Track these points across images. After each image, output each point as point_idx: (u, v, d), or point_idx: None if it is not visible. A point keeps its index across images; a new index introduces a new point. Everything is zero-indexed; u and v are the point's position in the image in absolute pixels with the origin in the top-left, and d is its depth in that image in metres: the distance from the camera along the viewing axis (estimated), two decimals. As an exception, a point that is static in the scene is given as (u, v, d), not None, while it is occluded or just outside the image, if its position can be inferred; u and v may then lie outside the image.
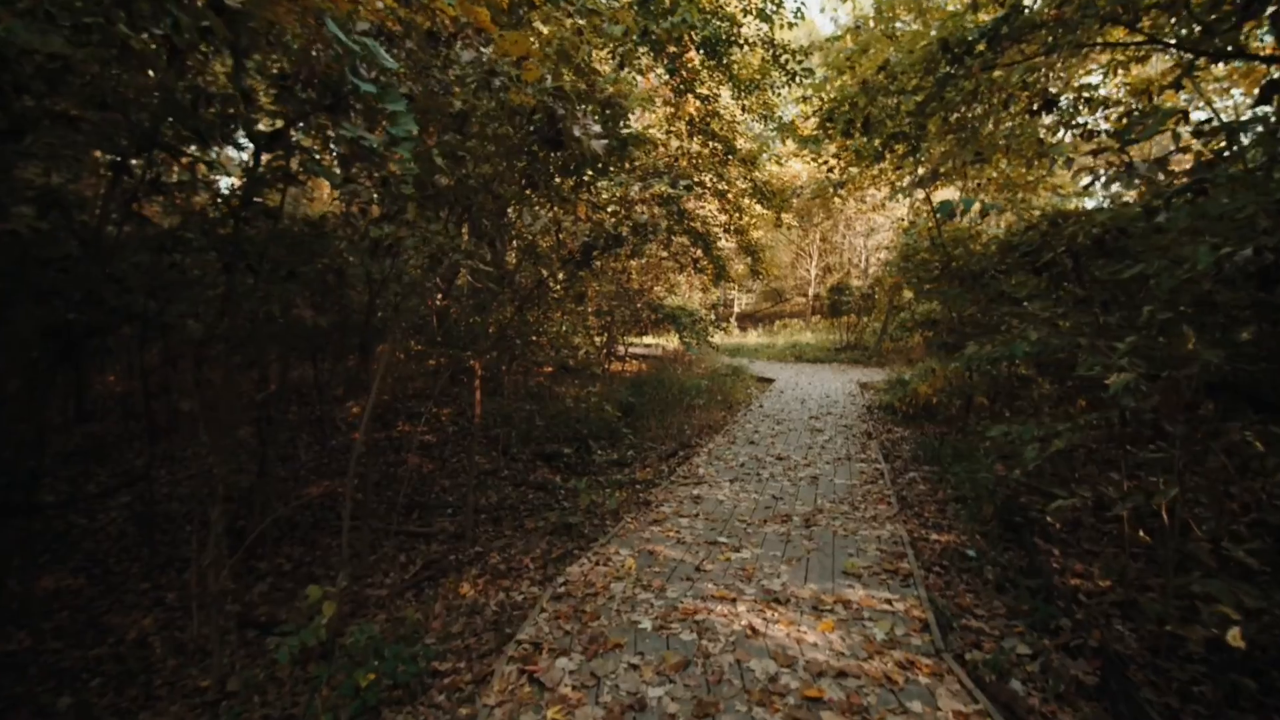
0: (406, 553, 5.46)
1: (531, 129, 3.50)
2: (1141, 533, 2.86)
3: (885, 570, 3.50)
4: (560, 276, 5.45)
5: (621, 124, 4.12)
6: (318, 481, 7.65)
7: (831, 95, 5.95)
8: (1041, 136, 6.41)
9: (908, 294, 19.13)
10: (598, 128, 3.01)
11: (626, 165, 4.87)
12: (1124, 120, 5.46)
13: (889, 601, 3.08)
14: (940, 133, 5.63)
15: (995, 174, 9.76)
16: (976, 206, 2.85)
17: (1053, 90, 5.95)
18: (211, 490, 3.29)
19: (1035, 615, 3.41)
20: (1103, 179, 2.86)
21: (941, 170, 5.53)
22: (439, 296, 8.93)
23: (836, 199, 20.58)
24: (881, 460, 6.37)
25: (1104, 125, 5.62)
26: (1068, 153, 3.63)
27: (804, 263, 30.80)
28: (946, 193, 15.69)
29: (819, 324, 25.93)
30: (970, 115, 5.44)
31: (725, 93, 10.32)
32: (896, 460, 7.08)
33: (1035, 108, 5.85)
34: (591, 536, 5.03)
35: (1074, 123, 6.06)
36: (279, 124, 3.57)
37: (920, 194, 5.64)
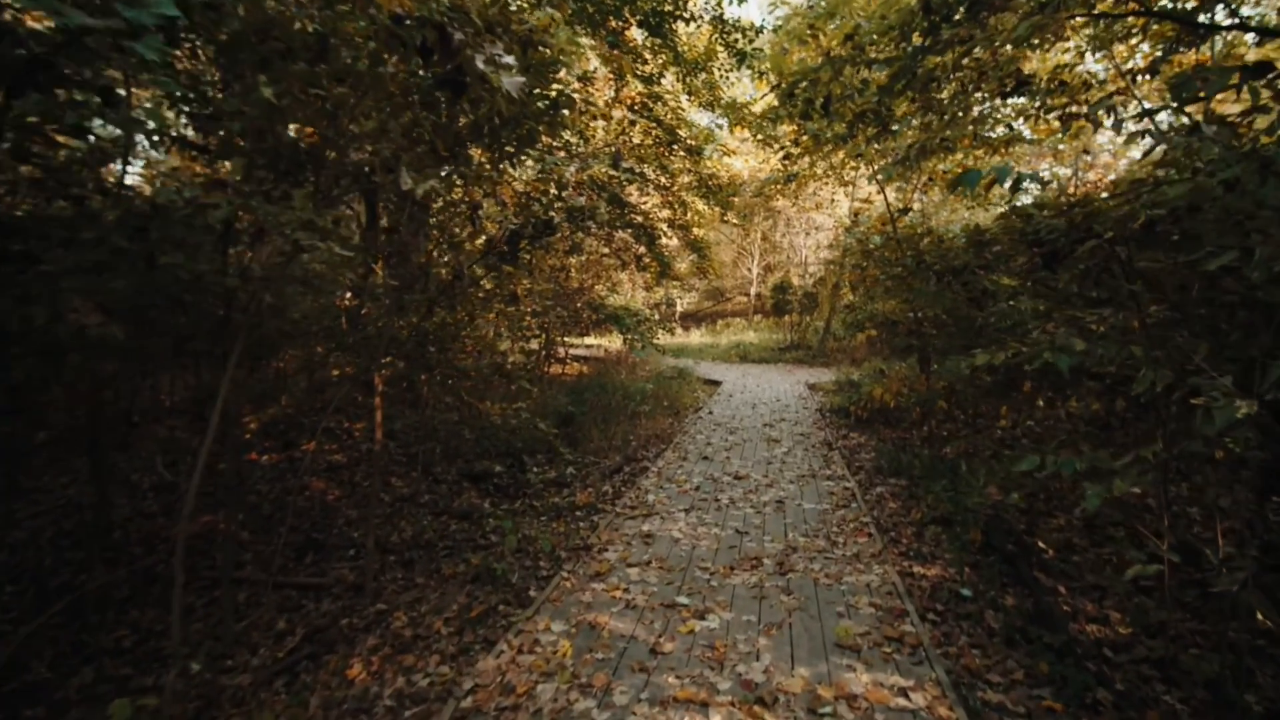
0: (289, 614, 4.41)
1: (430, 75, 2.60)
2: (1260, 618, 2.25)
3: (887, 638, 2.81)
4: (480, 270, 4.52)
5: (550, 76, 3.26)
6: (196, 516, 6.40)
7: (791, 69, 5.27)
8: (1011, 121, 5.96)
9: (847, 295, 19.09)
10: (510, 59, 2.16)
11: (559, 141, 4.02)
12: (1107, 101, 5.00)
13: (904, 692, 2.38)
14: (911, 113, 5.06)
15: (946, 168, 9.45)
16: (1012, 178, 2.19)
17: (1026, 70, 5.48)
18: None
19: (1067, 686, 2.78)
20: (1157, 142, 2.24)
21: (931, 147, 4.96)
22: (348, 295, 7.79)
23: (779, 197, 20.34)
24: (849, 476, 5.77)
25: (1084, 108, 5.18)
26: (1106, 116, 3.05)
27: (745, 262, 30.71)
28: (886, 192, 15.59)
29: (761, 323, 25.77)
30: (943, 94, 4.88)
31: (669, 77, 9.61)
32: (860, 472, 6.53)
33: (1007, 89, 5.37)
34: (521, 587, 4.16)
35: (1047, 105, 5.63)
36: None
37: (905, 174, 5.04)
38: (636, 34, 8.88)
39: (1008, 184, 2.27)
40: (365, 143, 2.86)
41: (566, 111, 3.79)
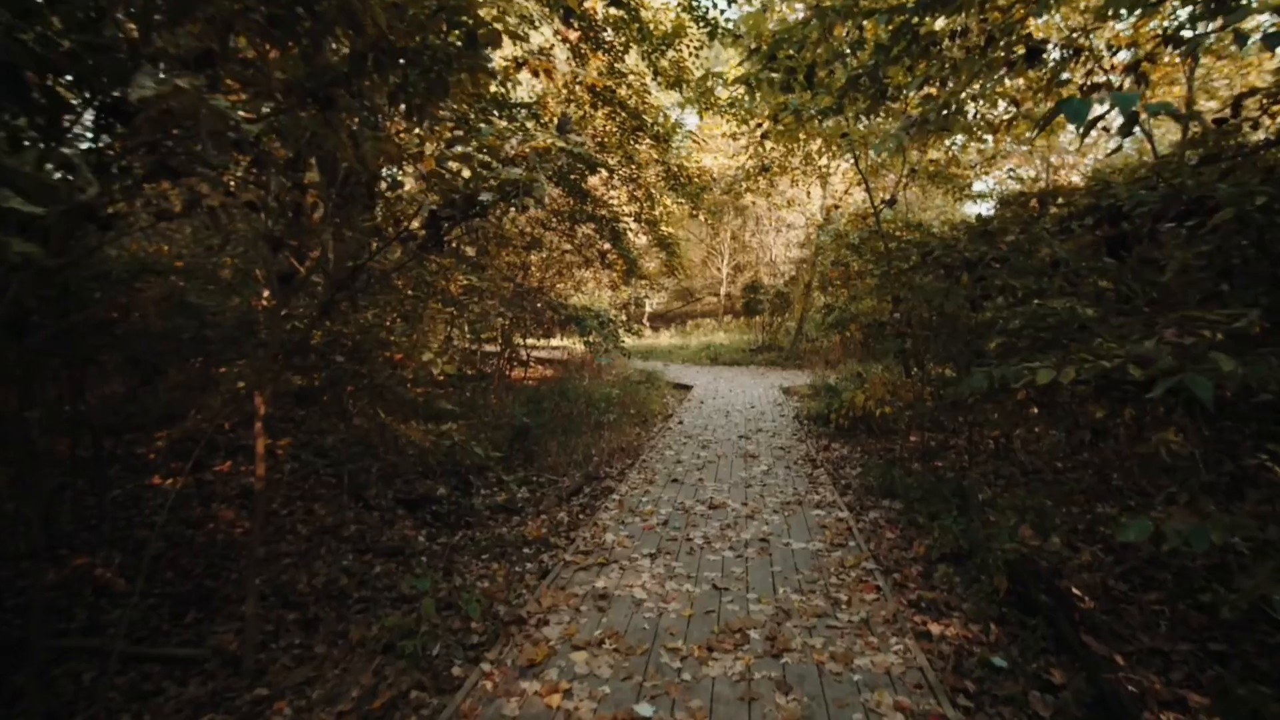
0: (141, 703, 3.43)
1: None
2: None
3: (928, 769, 2.04)
4: (399, 259, 3.63)
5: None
6: (70, 559, 5.31)
7: (770, 31, 4.48)
8: (1015, 97, 5.30)
9: (819, 295, 18.55)
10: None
11: (483, 93, 3.18)
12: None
13: None
14: (907, 84, 4.33)
15: (934, 155, 8.86)
16: (1134, 109, 1.44)
17: (1039, 37, 4.81)
18: None
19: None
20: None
21: (955, 104, 4.23)
22: (264, 293, 6.78)
23: (749, 194, 19.71)
24: (839, 503, 5.02)
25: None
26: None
27: (715, 261, 30.18)
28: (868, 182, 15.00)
29: (732, 324, 25.23)
30: (953, 52, 4.16)
31: (633, 56, 8.78)
32: (848, 492, 5.81)
33: (1014, 59, 4.69)
34: (442, 664, 3.27)
35: (1058, 78, 4.97)
36: None
37: (921, 139, 4.29)
38: (597, 5, 8.01)
39: (1120, 117, 1.49)
40: (177, 70, 1.94)
41: (490, 52, 2.90)
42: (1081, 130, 1.53)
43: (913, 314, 6.13)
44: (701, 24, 7.02)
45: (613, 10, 7.62)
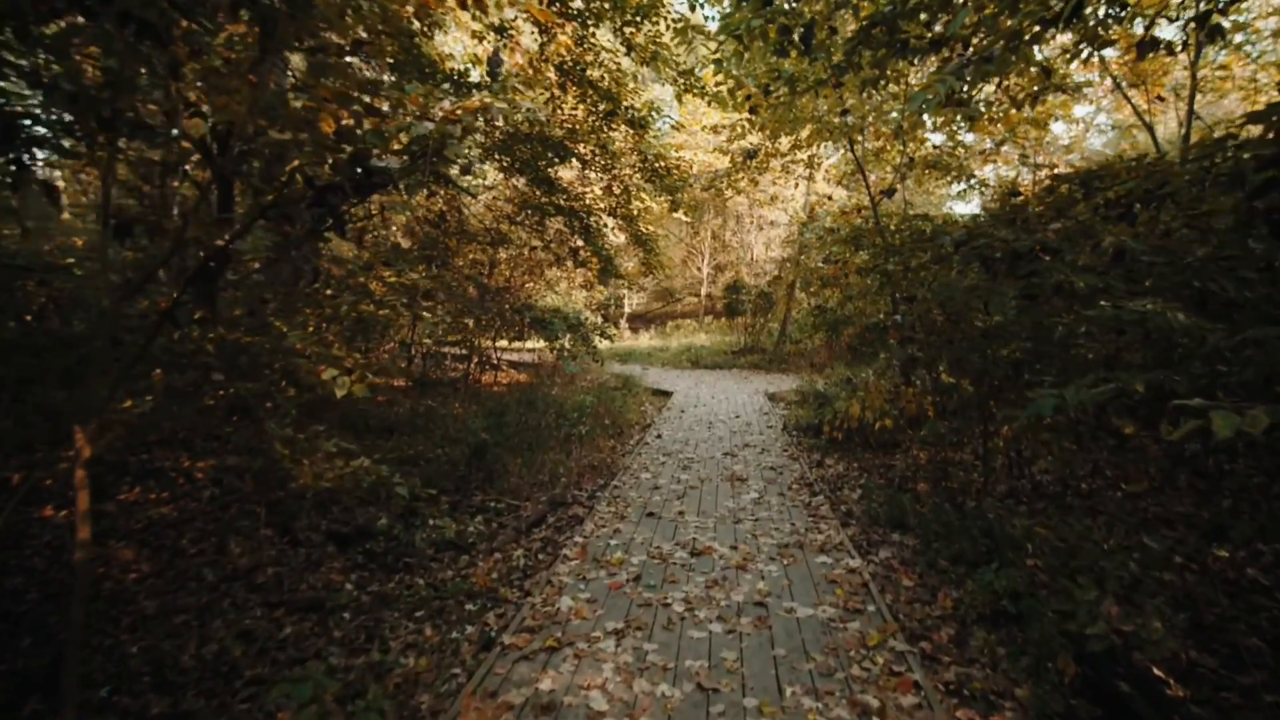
0: None
1: None
2: None
3: None
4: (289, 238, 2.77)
5: None
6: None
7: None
8: (1044, 63, 4.56)
9: (802, 296, 17.87)
10: None
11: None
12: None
13: None
14: (958, 18, 3.55)
15: (939, 140, 8.15)
16: None
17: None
18: None
19: None
20: None
21: (1021, 37, 3.44)
22: (174, 294, 5.81)
23: (732, 190, 19.00)
24: (846, 542, 4.21)
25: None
26: None
27: (695, 261, 29.50)
28: (836, 189, 14.31)
29: (713, 325, 24.55)
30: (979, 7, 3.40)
31: (606, 33, 7.93)
32: (851, 522, 5.03)
33: (1049, 17, 3.94)
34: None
35: (1100, 38, 4.23)
36: None
37: (971, 83, 3.48)
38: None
39: None
40: None
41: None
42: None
43: (921, 317, 5.38)
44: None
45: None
